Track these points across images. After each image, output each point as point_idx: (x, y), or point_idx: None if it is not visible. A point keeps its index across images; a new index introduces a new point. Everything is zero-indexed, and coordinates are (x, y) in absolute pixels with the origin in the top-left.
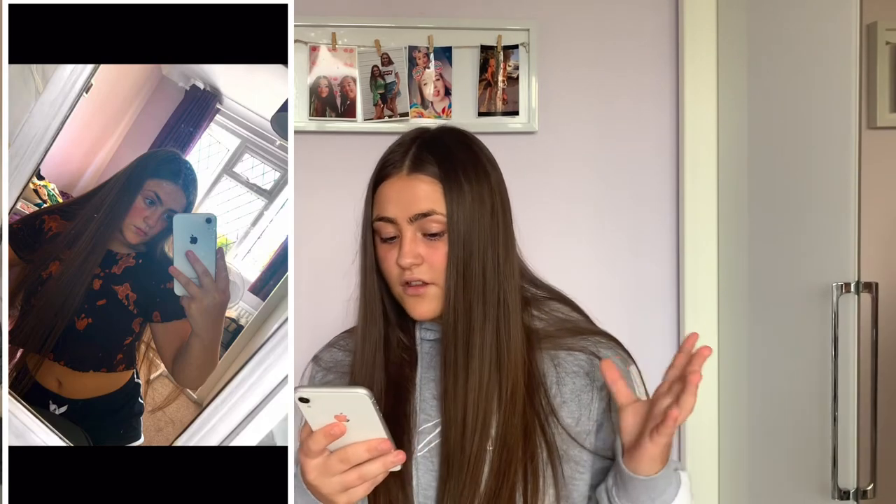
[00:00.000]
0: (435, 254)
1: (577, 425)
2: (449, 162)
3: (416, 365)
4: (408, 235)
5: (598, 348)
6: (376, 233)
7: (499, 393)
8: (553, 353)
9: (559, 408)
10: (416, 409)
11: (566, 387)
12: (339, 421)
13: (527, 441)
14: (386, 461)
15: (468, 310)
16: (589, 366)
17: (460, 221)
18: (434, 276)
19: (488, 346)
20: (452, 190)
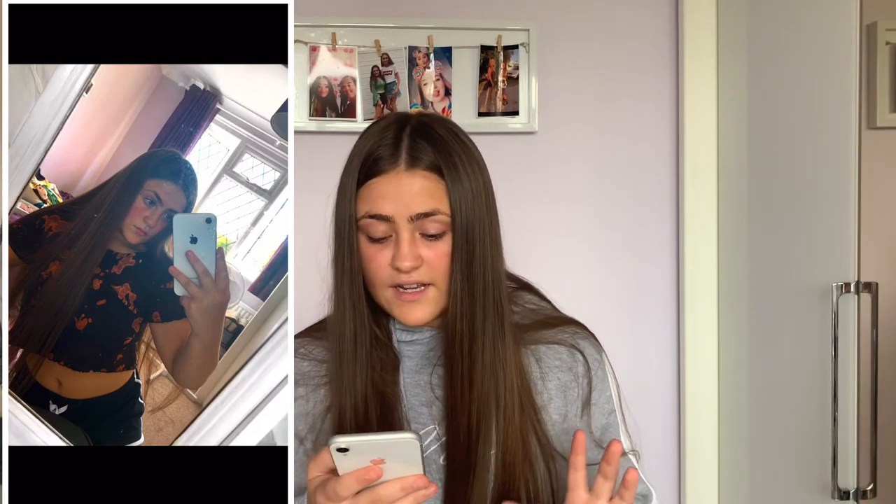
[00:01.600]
0: (435, 255)
1: (565, 421)
2: (448, 156)
3: (399, 370)
4: (405, 236)
5: (576, 339)
6: (361, 231)
7: (496, 396)
8: (533, 347)
9: (547, 404)
10: (405, 418)
11: (551, 382)
12: (374, 465)
13: (525, 442)
14: (417, 496)
15: (472, 315)
16: (571, 359)
17: (464, 221)
18: (433, 278)
19: (488, 351)
20: (456, 188)
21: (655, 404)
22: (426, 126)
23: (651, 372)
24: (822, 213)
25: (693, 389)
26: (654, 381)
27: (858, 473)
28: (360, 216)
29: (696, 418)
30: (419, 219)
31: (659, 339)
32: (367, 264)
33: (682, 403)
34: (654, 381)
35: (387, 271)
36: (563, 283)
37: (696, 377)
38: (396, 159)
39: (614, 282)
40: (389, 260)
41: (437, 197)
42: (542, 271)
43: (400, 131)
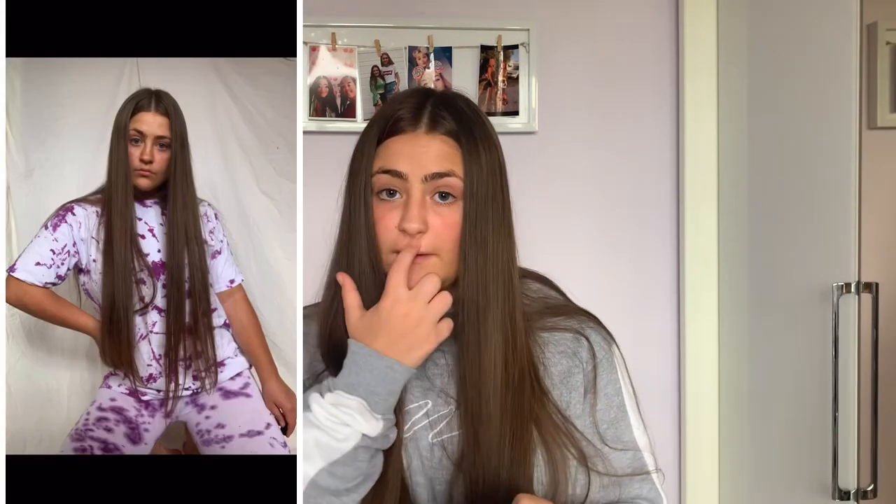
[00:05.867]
0: (442, 223)
1: (568, 409)
2: (467, 126)
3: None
4: (416, 196)
5: (583, 327)
6: (372, 187)
7: (505, 372)
8: (538, 333)
9: (550, 390)
10: (405, 390)
11: (554, 368)
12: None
13: (537, 421)
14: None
15: (485, 284)
16: (575, 345)
17: (479, 188)
18: (437, 247)
19: (499, 326)
20: (472, 155)
21: (655, 404)
22: (450, 98)
23: (651, 372)
24: (822, 214)
25: (693, 389)
26: (655, 381)
27: (859, 473)
28: (373, 171)
29: (696, 418)
30: (433, 178)
31: (659, 339)
32: (375, 223)
33: (682, 403)
34: (654, 381)
35: (393, 233)
36: (562, 283)
37: (696, 377)
38: (418, 121)
39: (614, 281)
40: (397, 221)
41: (454, 161)
42: (541, 271)
43: (425, 99)
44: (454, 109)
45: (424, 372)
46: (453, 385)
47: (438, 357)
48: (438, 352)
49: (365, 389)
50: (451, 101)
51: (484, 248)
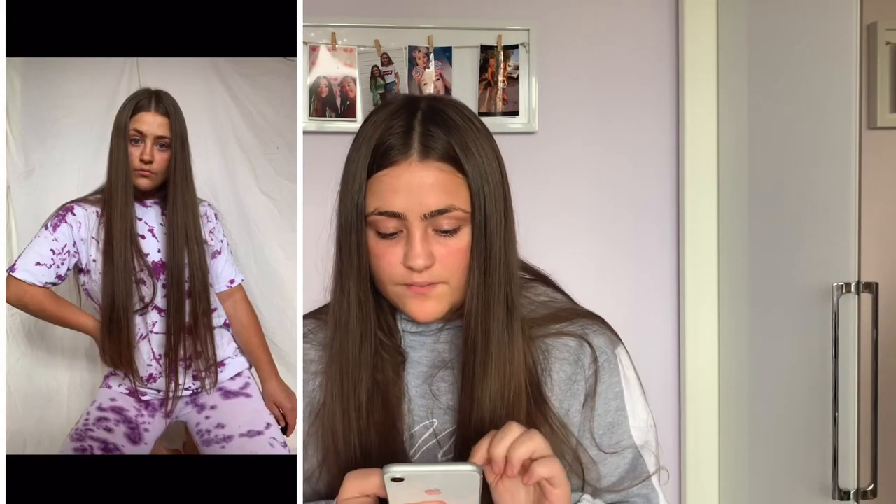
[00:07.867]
0: (447, 252)
1: (566, 416)
2: (464, 145)
3: (403, 367)
4: (418, 234)
5: (587, 331)
6: (371, 227)
7: (502, 397)
8: (541, 340)
9: (549, 397)
10: (409, 411)
11: (556, 374)
12: (430, 496)
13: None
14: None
15: (487, 312)
16: (579, 351)
17: (483, 214)
18: (447, 275)
19: (498, 351)
20: (473, 182)
21: (655, 404)
22: (438, 112)
23: (651, 371)
24: (822, 213)
25: (693, 389)
26: (655, 381)
27: (859, 473)
28: (369, 212)
29: (696, 418)
30: (433, 216)
31: (659, 338)
32: (377, 262)
33: (682, 403)
34: (654, 381)
35: (398, 269)
36: (562, 283)
37: (696, 377)
38: (408, 149)
39: (614, 281)
40: (401, 258)
41: (452, 191)
42: (543, 270)
43: (411, 117)
44: (445, 125)
45: (429, 389)
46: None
47: (447, 375)
48: (446, 369)
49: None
50: (440, 113)
51: (489, 273)
